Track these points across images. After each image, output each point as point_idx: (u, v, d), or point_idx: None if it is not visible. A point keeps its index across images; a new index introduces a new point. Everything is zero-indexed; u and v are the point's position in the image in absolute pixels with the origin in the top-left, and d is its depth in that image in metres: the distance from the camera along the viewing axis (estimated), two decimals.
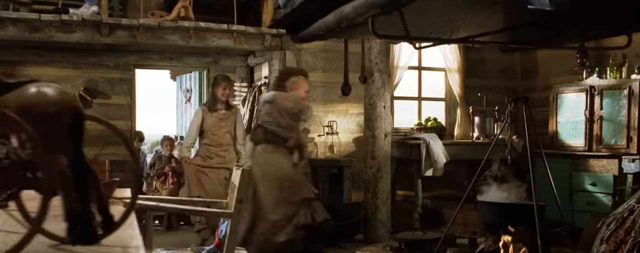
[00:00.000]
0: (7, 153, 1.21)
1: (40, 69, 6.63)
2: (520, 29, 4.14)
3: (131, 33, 5.54)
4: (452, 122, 6.88)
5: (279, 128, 4.37)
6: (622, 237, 2.23)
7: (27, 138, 1.18)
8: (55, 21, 5.22)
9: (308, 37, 3.93)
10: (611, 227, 2.35)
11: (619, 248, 2.21)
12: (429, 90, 6.92)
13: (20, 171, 1.22)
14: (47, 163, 1.18)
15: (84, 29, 5.38)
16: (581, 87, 5.73)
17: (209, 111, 5.50)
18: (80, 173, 1.31)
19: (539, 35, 4.30)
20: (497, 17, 4.22)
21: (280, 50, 6.06)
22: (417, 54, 6.68)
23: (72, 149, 1.29)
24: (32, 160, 1.20)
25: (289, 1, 3.66)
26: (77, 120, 1.32)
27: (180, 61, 7.18)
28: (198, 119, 5.52)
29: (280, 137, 4.37)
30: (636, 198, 2.41)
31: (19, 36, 5.22)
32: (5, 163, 1.21)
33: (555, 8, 1.94)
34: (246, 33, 5.85)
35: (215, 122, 5.46)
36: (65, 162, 1.27)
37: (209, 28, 5.73)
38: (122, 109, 7.04)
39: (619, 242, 2.23)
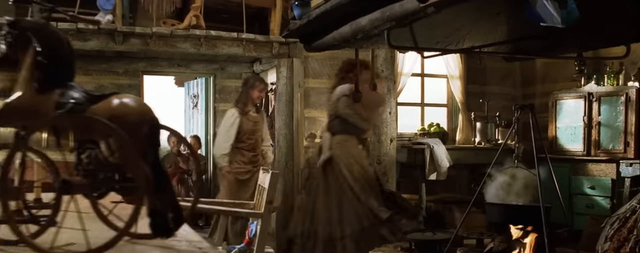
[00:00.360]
0: (95, 158, 1.38)
1: None
2: (522, 39, 4.33)
3: (144, 41, 5.72)
4: (454, 128, 7.07)
5: (360, 121, 4.48)
6: (625, 235, 2.41)
7: (117, 145, 1.36)
8: (71, 29, 5.38)
9: (322, 47, 4.09)
10: (615, 226, 2.54)
11: (622, 245, 2.40)
12: (431, 97, 7.12)
13: (108, 174, 1.39)
14: (136, 167, 1.36)
15: (99, 37, 5.56)
16: (579, 94, 5.94)
17: (243, 114, 5.33)
18: (158, 176, 1.48)
19: (540, 45, 4.48)
20: (500, 28, 4.38)
21: (287, 57, 6.27)
22: (420, 62, 6.88)
23: (152, 154, 1.46)
24: (120, 164, 1.38)
25: (305, 13, 3.83)
26: (154, 128, 1.49)
27: (187, 68, 7.33)
28: (237, 121, 5.29)
29: (358, 128, 4.47)
30: (637, 199, 2.59)
31: None
32: (92, 167, 1.38)
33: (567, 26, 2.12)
34: (255, 41, 6.05)
35: (251, 125, 5.34)
36: (148, 166, 1.43)
37: (220, 36, 5.91)
38: None
39: (622, 240, 2.41)
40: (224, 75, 7.56)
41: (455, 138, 6.96)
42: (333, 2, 3.39)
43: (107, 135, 1.37)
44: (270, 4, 6.25)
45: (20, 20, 1.64)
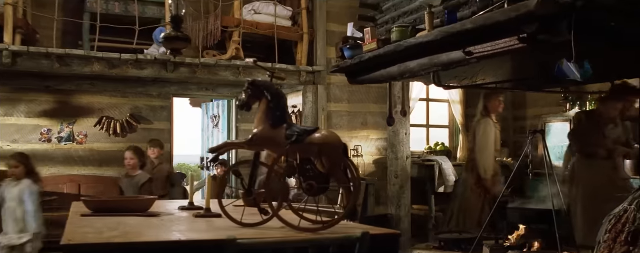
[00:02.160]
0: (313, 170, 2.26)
1: (93, 97, 7.56)
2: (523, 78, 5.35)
3: (192, 70, 6.57)
4: (455, 146, 8.07)
5: None
6: (620, 229, 3.33)
7: (328, 162, 2.24)
8: (131, 60, 6.21)
9: (367, 81, 5.01)
10: (612, 222, 3.47)
11: (618, 236, 3.33)
12: (435, 119, 8.12)
13: (318, 181, 2.27)
14: (341, 176, 2.25)
15: (153, 66, 6.39)
16: (565, 118, 7.00)
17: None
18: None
19: (536, 80, 5.51)
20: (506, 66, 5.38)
21: (313, 84, 7.20)
22: (426, 88, 7.87)
23: (343, 167, 2.33)
24: (327, 174, 2.26)
25: (356, 55, 4.74)
26: (345, 150, 2.37)
27: (214, 91, 8.16)
28: (493, 130, 5.76)
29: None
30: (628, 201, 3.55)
31: (100, 72, 6.19)
32: (311, 174, 2.26)
33: (584, 80, 3.08)
34: (286, 70, 6.96)
35: (499, 136, 5.79)
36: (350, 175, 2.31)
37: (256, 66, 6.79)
38: (162, 134, 7.97)
39: (618, 232, 3.34)
40: None
41: (456, 156, 7.95)
42: (386, 49, 4.33)
43: (320, 153, 2.24)
44: (298, 38, 7.17)
45: (256, 80, 2.50)
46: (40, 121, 7.30)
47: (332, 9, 7.32)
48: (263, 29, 6.98)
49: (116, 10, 6.62)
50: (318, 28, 7.20)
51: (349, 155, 2.42)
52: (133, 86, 7.57)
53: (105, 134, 7.57)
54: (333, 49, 7.31)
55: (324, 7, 7.22)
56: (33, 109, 7.25)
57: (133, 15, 6.55)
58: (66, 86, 7.12)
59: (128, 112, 7.73)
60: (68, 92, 7.34)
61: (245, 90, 2.43)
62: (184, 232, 2.21)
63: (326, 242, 1.88)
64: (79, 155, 7.51)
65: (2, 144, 7.05)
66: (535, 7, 2.94)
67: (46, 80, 6.84)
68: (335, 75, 7.08)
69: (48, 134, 7.32)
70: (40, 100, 7.30)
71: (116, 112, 7.70)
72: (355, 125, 7.50)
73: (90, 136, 7.55)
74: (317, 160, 2.29)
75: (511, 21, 3.18)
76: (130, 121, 7.71)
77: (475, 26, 3.45)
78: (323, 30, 7.21)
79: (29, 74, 6.39)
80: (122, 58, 6.14)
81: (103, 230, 2.13)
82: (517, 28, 3.22)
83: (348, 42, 4.92)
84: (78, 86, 7.22)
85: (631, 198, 3.51)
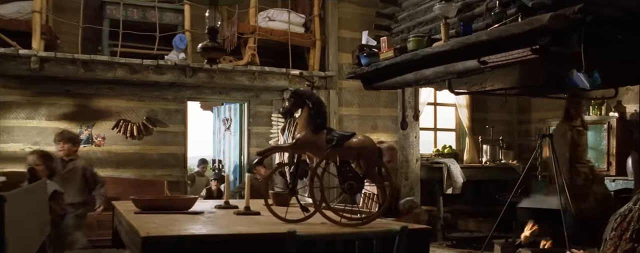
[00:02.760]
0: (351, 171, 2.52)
1: (111, 100, 7.81)
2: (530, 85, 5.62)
3: (209, 75, 6.83)
4: (461, 149, 8.34)
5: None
6: (625, 227, 3.60)
7: (364, 163, 2.50)
8: (152, 65, 6.47)
9: (382, 87, 5.28)
10: (618, 220, 3.74)
11: (623, 233, 3.60)
12: (442, 123, 8.39)
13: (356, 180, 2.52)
14: (376, 176, 2.50)
15: (173, 72, 6.65)
16: None
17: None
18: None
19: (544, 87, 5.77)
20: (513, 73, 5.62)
21: (325, 89, 7.46)
22: (433, 93, 8.14)
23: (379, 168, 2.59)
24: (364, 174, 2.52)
25: (372, 62, 5.01)
26: (379, 153, 2.63)
27: (227, 95, 8.39)
28: (570, 134, 5.64)
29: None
30: (633, 201, 3.81)
31: (122, 77, 6.45)
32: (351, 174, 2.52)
33: (593, 89, 3.34)
34: (299, 75, 7.21)
35: (583, 139, 5.71)
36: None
37: (272, 71, 7.07)
38: (177, 136, 8.22)
39: (624, 230, 3.61)
40: (258, 101, 8.69)
41: (463, 158, 8.22)
42: (403, 57, 4.59)
43: (358, 156, 2.50)
44: (311, 45, 7.43)
45: (298, 90, 2.75)
46: (60, 124, 7.53)
47: (344, 15, 7.58)
48: (277, 35, 7.24)
49: (134, 17, 6.86)
50: (330, 34, 7.46)
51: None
52: (149, 90, 7.79)
53: (122, 137, 7.81)
54: (344, 55, 7.59)
55: (336, 14, 7.48)
56: (53, 112, 7.49)
57: (150, 21, 6.81)
58: (85, 90, 7.36)
59: (144, 115, 7.97)
60: (87, 96, 7.58)
61: (288, 99, 2.69)
62: (241, 226, 2.46)
63: (370, 235, 2.13)
64: (97, 156, 7.75)
65: (24, 146, 7.29)
66: (548, 21, 3.20)
67: (66, 84, 7.08)
68: (346, 80, 7.38)
69: None
70: (60, 104, 7.54)
71: (133, 115, 7.94)
72: (365, 128, 7.75)
73: (108, 138, 7.79)
74: (354, 162, 2.55)
75: (525, 34, 3.45)
76: (146, 124, 7.95)
77: (490, 38, 3.71)
78: (335, 36, 7.47)
79: (50, 78, 6.64)
80: (143, 63, 6.39)
81: (166, 225, 2.39)
82: (530, 40, 3.48)
83: (364, 50, 5.19)
84: (97, 90, 7.44)
85: (635, 198, 3.78)
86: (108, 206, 7.08)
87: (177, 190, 7.91)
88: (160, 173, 8.08)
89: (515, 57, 3.61)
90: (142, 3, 6.91)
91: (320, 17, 7.42)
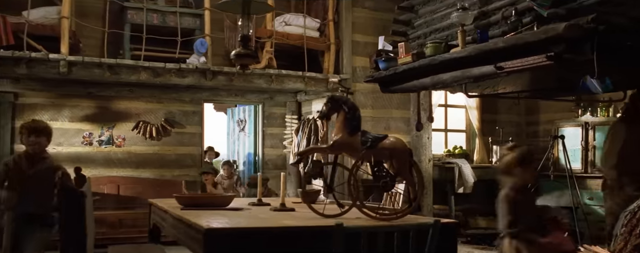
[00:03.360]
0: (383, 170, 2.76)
1: (131, 102, 8.06)
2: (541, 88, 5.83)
3: (229, 78, 7.07)
4: (471, 150, 8.56)
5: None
6: (635, 223, 3.85)
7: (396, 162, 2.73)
8: (174, 69, 6.71)
9: (399, 90, 5.51)
10: (628, 217, 3.97)
11: (633, 229, 3.83)
12: (452, 124, 8.62)
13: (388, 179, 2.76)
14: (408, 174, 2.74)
15: (194, 75, 6.89)
16: (577, 123, 7.49)
17: None
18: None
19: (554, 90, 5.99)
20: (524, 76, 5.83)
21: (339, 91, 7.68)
22: (444, 95, 8.36)
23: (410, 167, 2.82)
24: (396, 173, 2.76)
25: (390, 67, 5.24)
26: (410, 154, 2.86)
27: (242, 97, 8.64)
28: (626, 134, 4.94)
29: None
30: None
31: (146, 80, 6.69)
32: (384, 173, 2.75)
33: (605, 92, 3.56)
34: (315, 78, 7.46)
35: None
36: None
37: (289, 74, 7.31)
38: (193, 137, 8.48)
39: (634, 226, 3.85)
40: (272, 103, 8.93)
41: (473, 158, 8.44)
42: (421, 62, 4.82)
43: (390, 157, 2.73)
44: (325, 48, 7.66)
45: (334, 95, 2.99)
46: (82, 125, 7.80)
47: (357, 20, 7.81)
48: (293, 39, 7.47)
49: (154, 21, 7.10)
50: (344, 38, 7.69)
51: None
52: (167, 92, 8.04)
53: (141, 138, 8.06)
54: (358, 58, 7.82)
55: (350, 19, 7.71)
56: (76, 113, 7.75)
57: (169, 25, 7.06)
58: (106, 92, 7.61)
59: (162, 117, 8.22)
60: (108, 98, 7.83)
61: (325, 104, 2.92)
62: (286, 220, 2.70)
63: (407, 227, 2.37)
64: (117, 157, 8.01)
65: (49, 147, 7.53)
66: (563, 30, 3.44)
67: (88, 86, 7.33)
68: (360, 82, 7.63)
69: (89, 138, 7.81)
70: (83, 106, 7.80)
71: (152, 116, 8.19)
72: (378, 129, 7.98)
73: (128, 139, 8.04)
74: (387, 162, 2.78)
75: (540, 41, 3.68)
76: (164, 125, 8.20)
77: (506, 45, 3.95)
78: (348, 40, 7.70)
79: (73, 81, 6.88)
80: (166, 67, 6.64)
81: (219, 219, 2.62)
82: (545, 47, 3.71)
83: (382, 55, 5.42)
84: (117, 92, 7.69)
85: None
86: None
87: (193, 189, 8.15)
88: (178, 173, 8.33)
89: (531, 63, 3.84)
90: (162, 8, 7.15)
91: (334, 22, 7.65)
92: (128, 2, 7.03)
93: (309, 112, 8.69)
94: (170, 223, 3.20)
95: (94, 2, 7.24)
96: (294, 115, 8.92)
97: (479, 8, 4.46)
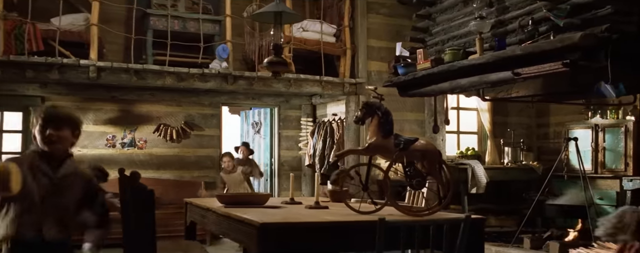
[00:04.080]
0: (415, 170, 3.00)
1: (152, 106, 8.32)
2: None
3: (249, 82, 7.33)
4: (483, 151, 8.79)
5: None
6: None
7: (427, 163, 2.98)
8: (198, 73, 6.97)
9: (418, 94, 5.76)
10: None
11: None
12: (464, 126, 8.86)
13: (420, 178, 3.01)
14: (438, 174, 2.99)
15: (215, 79, 7.15)
16: (588, 125, 7.71)
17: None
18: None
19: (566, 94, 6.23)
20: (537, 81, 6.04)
21: (355, 94, 7.93)
22: (456, 98, 8.60)
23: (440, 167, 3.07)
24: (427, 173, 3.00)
25: (409, 72, 5.49)
26: (440, 155, 3.11)
27: (259, 100, 8.90)
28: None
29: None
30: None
31: (170, 84, 6.95)
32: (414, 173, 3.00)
33: (618, 97, 3.79)
34: (331, 82, 7.71)
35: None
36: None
37: (306, 78, 7.56)
38: (212, 139, 8.73)
39: None
40: (287, 106, 9.18)
41: (484, 160, 8.66)
42: (440, 68, 5.07)
43: (422, 157, 2.98)
44: (341, 53, 7.92)
45: (369, 101, 3.24)
46: (106, 128, 8.06)
47: (372, 26, 8.06)
48: (310, 44, 7.72)
49: (176, 27, 7.36)
50: (359, 43, 7.94)
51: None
52: (187, 96, 8.31)
53: (162, 140, 8.31)
54: (373, 63, 8.07)
55: (365, 25, 7.96)
56: (100, 117, 8.01)
57: (189, 31, 7.32)
58: (129, 96, 7.88)
59: (182, 120, 8.48)
60: (130, 102, 8.10)
61: (360, 109, 3.17)
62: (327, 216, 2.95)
63: (442, 222, 2.61)
64: (139, 159, 8.27)
65: (73, 149, 7.79)
66: (579, 39, 3.68)
67: (112, 90, 7.61)
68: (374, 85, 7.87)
69: (113, 140, 8.08)
70: (106, 109, 8.06)
71: (172, 119, 8.44)
72: None
73: (149, 142, 8.30)
74: (418, 162, 3.03)
75: (556, 49, 3.92)
76: (184, 128, 8.46)
77: (523, 52, 4.19)
78: (364, 45, 7.95)
79: (98, 85, 7.15)
80: (190, 72, 6.90)
81: (265, 215, 2.87)
82: (560, 54, 3.95)
83: (400, 61, 5.67)
84: (139, 96, 7.96)
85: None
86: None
87: (212, 190, 8.40)
88: (197, 174, 8.59)
89: (547, 70, 4.08)
90: (184, 14, 7.42)
91: (349, 28, 7.89)
92: (151, 9, 7.29)
93: (323, 115, 8.95)
94: (213, 220, 3.45)
95: (117, 9, 7.49)
96: (309, 118, 9.17)
97: (496, 17, 4.70)
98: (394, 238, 2.51)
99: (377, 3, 8.11)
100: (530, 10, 4.36)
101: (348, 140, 7.89)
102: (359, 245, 2.62)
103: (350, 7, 7.88)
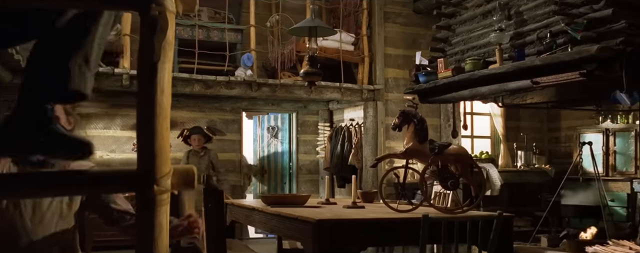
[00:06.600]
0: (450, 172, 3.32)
1: (175, 112, 8.65)
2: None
3: (272, 89, 7.66)
4: (496, 155, 9.09)
5: None
6: None
7: (460, 166, 3.30)
8: (224, 81, 7.31)
9: (438, 101, 6.09)
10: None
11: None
12: (478, 130, 9.17)
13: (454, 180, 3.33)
14: (471, 176, 3.31)
15: (241, 86, 7.48)
16: (598, 129, 8.02)
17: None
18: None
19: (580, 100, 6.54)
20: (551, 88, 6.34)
21: (373, 101, 8.26)
22: (470, 103, 8.91)
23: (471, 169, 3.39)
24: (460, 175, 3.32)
25: (430, 80, 5.82)
26: (472, 159, 3.43)
27: (278, 106, 9.24)
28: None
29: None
30: None
31: (198, 91, 7.29)
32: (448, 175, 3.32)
33: (633, 105, 4.11)
34: (350, 89, 8.04)
35: None
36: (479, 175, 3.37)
37: (327, 85, 7.89)
38: (233, 144, 9.06)
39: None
40: (305, 112, 9.51)
41: (498, 163, 8.97)
42: (461, 77, 5.39)
43: (455, 161, 3.30)
44: (359, 60, 8.25)
45: (405, 110, 3.57)
46: (132, 133, 8.38)
47: (389, 34, 8.39)
48: (330, 53, 8.05)
49: (200, 37, 7.70)
50: (376, 51, 8.27)
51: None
52: (210, 102, 8.64)
53: (185, 145, 8.63)
54: (390, 70, 8.40)
55: (382, 33, 8.30)
56: (127, 122, 8.35)
57: (212, 40, 7.66)
58: None
59: (205, 125, 8.78)
60: None
61: (397, 117, 3.50)
62: (368, 214, 3.27)
63: (477, 218, 2.93)
64: None
65: (102, 154, 8.16)
66: (595, 51, 4.00)
67: None
68: (391, 92, 8.22)
69: None
70: (132, 115, 8.37)
71: (195, 125, 8.76)
72: None
73: (173, 146, 8.60)
74: (452, 165, 3.35)
75: (573, 60, 4.24)
76: (207, 133, 8.78)
77: (542, 63, 4.51)
78: (381, 53, 8.28)
79: (125, 92, 7.48)
80: (217, 79, 7.24)
81: (318, 214, 3.19)
82: (578, 65, 4.27)
83: (421, 69, 6.00)
84: None
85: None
86: None
87: (234, 193, 8.73)
88: None
89: (565, 79, 4.40)
90: (207, 24, 7.76)
91: (367, 36, 8.23)
92: (177, 19, 7.62)
93: (340, 120, 9.28)
94: (258, 219, 3.77)
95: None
96: (327, 123, 9.50)
97: (515, 29, 5.03)
98: (436, 233, 2.83)
99: (394, 13, 8.45)
100: (548, 23, 4.68)
101: (366, 144, 8.21)
102: (401, 239, 2.94)
103: (368, 16, 8.21)
